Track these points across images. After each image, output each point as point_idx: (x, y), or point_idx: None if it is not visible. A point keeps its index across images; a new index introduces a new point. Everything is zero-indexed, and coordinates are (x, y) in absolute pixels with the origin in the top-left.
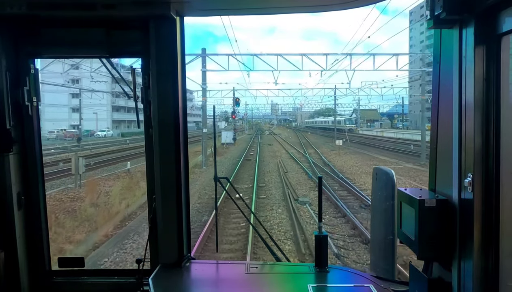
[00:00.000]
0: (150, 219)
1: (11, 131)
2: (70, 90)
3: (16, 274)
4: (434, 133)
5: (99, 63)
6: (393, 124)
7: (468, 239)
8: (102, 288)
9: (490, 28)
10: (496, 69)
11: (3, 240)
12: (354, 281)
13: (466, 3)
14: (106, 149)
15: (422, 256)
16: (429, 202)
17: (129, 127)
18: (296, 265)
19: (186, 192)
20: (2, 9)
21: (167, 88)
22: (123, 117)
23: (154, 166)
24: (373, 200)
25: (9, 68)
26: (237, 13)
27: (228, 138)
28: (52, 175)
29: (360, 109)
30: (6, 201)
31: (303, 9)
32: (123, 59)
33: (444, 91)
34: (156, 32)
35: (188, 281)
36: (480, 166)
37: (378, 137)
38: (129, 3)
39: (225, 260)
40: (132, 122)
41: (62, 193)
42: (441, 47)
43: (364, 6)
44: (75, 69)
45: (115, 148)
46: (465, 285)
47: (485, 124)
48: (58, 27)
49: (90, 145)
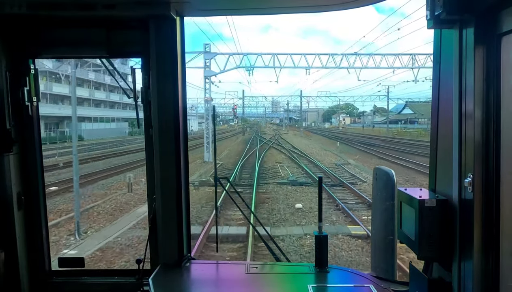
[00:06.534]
0: (150, 219)
1: (11, 131)
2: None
3: (16, 274)
4: (434, 133)
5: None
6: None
7: (468, 239)
8: (102, 288)
9: (490, 28)
10: (496, 69)
11: (3, 240)
12: (354, 281)
13: (466, 3)
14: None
15: (422, 256)
16: (429, 202)
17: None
18: (296, 265)
19: (186, 192)
20: (2, 9)
21: (167, 88)
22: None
23: (154, 166)
24: (373, 200)
25: (9, 68)
26: (237, 13)
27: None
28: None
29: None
30: (6, 201)
31: (303, 9)
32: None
33: (444, 91)
34: (156, 32)
35: (188, 281)
36: (480, 166)
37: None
38: (129, 3)
39: (225, 260)
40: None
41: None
42: (441, 47)
43: (364, 6)
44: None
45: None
46: (465, 285)
47: (485, 124)
48: (58, 27)
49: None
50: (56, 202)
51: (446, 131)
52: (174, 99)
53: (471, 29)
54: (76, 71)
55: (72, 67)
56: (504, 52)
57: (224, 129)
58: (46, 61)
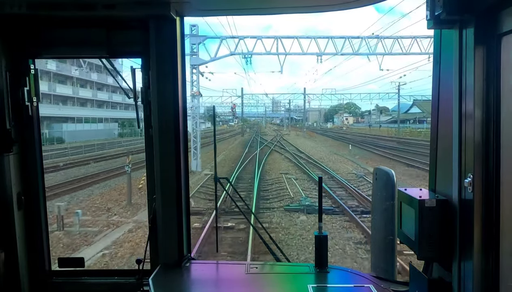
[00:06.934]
0: (150, 219)
1: (11, 131)
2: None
3: (16, 274)
4: (434, 133)
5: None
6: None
7: (468, 239)
8: (102, 288)
9: (491, 28)
10: (496, 69)
11: (3, 240)
12: (354, 281)
13: (466, 3)
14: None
15: (422, 256)
16: (429, 202)
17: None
18: (296, 265)
19: (186, 192)
20: (2, 9)
21: (167, 88)
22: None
23: (154, 166)
24: (373, 200)
25: (9, 68)
26: (237, 13)
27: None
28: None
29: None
30: (6, 201)
31: (304, 9)
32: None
33: (444, 91)
34: (156, 32)
35: (188, 281)
36: (480, 166)
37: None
38: (129, 3)
39: (225, 260)
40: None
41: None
42: (441, 47)
43: (364, 6)
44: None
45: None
46: (465, 285)
47: (485, 124)
48: (58, 27)
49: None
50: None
51: (446, 131)
52: (174, 99)
53: (471, 29)
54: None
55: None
56: (504, 52)
57: (223, 129)
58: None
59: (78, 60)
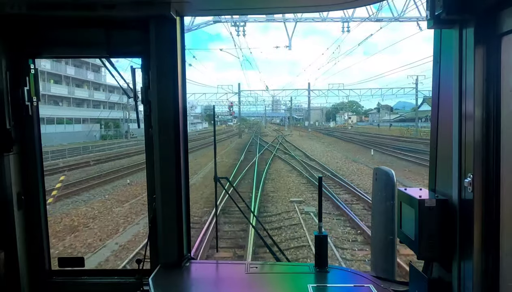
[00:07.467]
0: (150, 219)
1: (11, 131)
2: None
3: (16, 274)
4: (434, 133)
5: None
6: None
7: (468, 239)
8: (102, 288)
9: (491, 28)
10: (496, 69)
11: (3, 240)
12: (354, 281)
13: (466, 3)
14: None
15: (422, 256)
16: (429, 202)
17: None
18: (296, 265)
19: (186, 192)
20: (2, 9)
21: (167, 88)
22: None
23: (154, 166)
24: (373, 200)
25: (9, 68)
26: (237, 13)
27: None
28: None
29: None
30: (6, 201)
31: (304, 9)
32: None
33: (444, 91)
34: (156, 32)
35: (188, 281)
36: (480, 166)
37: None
38: (129, 3)
39: (225, 260)
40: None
41: None
42: (441, 47)
43: (364, 6)
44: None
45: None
46: (465, 285)
47: (485, 124)
48: (58, 27)
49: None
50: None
51: (446, 131)
52: (174, 99)
53: (471, 29)
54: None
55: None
56: (504, 52)
57: (221, 129)
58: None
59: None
